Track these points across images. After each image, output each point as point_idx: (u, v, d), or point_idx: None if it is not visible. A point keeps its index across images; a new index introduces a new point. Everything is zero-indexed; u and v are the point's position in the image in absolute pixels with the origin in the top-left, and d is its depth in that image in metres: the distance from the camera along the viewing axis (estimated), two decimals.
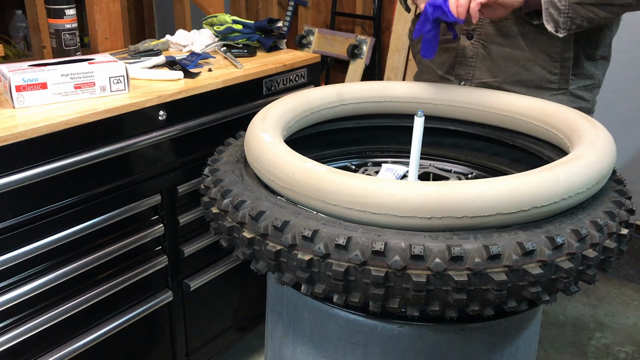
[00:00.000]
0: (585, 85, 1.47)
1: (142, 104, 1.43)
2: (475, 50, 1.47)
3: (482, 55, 1.47)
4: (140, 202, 1.49)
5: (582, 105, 1.47)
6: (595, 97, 1.53)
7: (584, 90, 1.48)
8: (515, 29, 1.41)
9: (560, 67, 1.42)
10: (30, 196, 1.26)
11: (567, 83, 1.44)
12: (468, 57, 1.48)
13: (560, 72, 1.42)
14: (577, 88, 1.46)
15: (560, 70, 1.42)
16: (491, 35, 1.44)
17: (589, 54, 1.45)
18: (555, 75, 1.43)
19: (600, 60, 1.48)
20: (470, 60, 1.48)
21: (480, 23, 1.44)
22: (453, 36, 1.40)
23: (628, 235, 0.99)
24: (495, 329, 1.06)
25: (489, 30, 1.44)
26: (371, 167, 1.45)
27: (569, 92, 1.45)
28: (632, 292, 2.51)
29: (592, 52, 1.45)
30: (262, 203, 0.99)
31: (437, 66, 1.57)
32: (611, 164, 1.06)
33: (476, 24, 1.45)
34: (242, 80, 1.68)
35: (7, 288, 1.28)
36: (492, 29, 1.43)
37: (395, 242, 0.87)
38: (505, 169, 1.41)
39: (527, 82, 1.44)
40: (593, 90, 1.51)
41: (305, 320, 1.12)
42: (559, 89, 1.44)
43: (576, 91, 1.46)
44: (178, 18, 2.46)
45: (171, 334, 1.71)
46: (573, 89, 1.45)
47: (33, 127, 1.23)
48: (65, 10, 1.64)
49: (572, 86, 1.45)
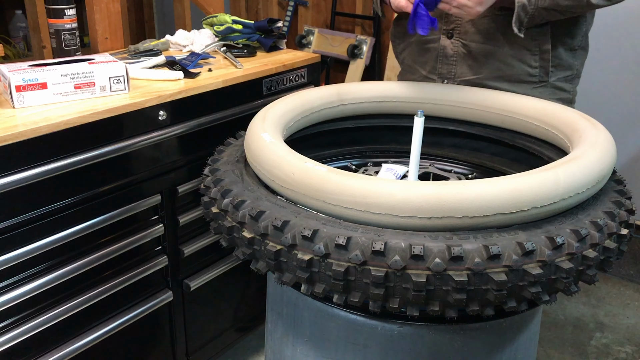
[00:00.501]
0: (565, 76, 1.50)
1: (142, 104, 1.43)
2: (456, 49, 1.49)
3: (462, 53, 1.49)
4: (140, 202, 1.49)
5: (562, 97, 1.50)
6: (575, 88, 1.55)
7: (564, 82, 1.50)
8: (493, 25, 1.43)
9: (540, 60, 1.45)
10: (30, 196, 1.26)
11: (547, 75, 1.46)
12: (449, 56, 1.51)
13: (540, 65, 1.45)
14: (557, 80, 1.48)
15: (540, 63, 1.45)
16: (470, 34, 1.46)
17: (567, 44, 1.47)
18: (536, 68, 1.45)
19: (578, 50, 1.50)
20: (451, 59, 1.50)
21: (460, 22, 1.47)
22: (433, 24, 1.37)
23: (628, 236, 0.99)
24: (495, 329, 1.06)
25: (468, 28, 1.46)
26: (371, 167, 1.45)
27: (549, 84, 1.48)
28: (632, 292, 2.51)
29: (570, 43, 1.47)
30: (262, 203, 0.99)
31: (420, 66, 1.59)
32: (611, 164, 1.06)
33: (455, 23, 1.47)
34: (242, 80, 1.68)
35: (7, 288, 1.28)
36: (470, 27, 1.46)
37: (395, 242, 0.87)
38: (505, 169, 1.40)
39: (508, 77, 1.47)
40: (573, 80, 1.53)
41: (305, 320, 1.12)
42: (539, 81, 1.47)
43: (557, 82, 1.49)
44: (178, 18, 2.46)
45: (171, 334, 1.71)
46: (553, 81, 1.48)
47: (33, 127, 1.23)
48: (65, 10, 1.64)
49: (553, 78, 1.48)
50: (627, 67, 2.48)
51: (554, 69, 1.47)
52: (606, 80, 2.55)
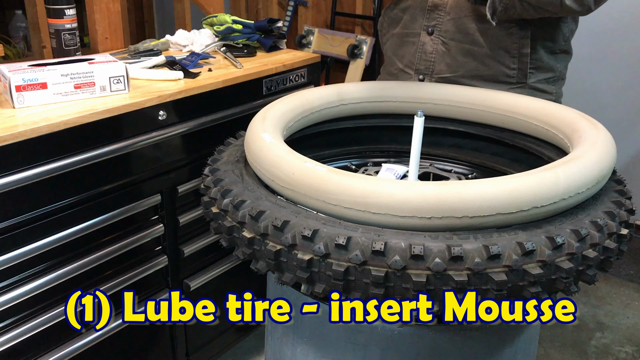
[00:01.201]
0: (546, 78, 1.51)
1: (142, 104, 1.43)
2: (435, 46, 1.50)
3: (441, 51, 1.50)
4: (140, 202, 1.50)
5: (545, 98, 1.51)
6: (559, 89, 1.57)
7: (544, 83, 1.51)
8: (474, 25, 1.44)
9: (518, 62, 1.46)
10: (30, 196, 1.26)
11: (525, 77, 1.48)
12: (428, 53, 1.52)
13: (518, 67, 1.46)
14: (537, 81, 1.50)
15: (518, 65, 1.46)
16: (451, 32, 1.47)
17: (548, 47, 1.48)
18: (514, 70, 1.47)
19: (560, 54, 1.52)
20: (430, 56, 1.52)
21: (441, 20, 1.48)
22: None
23: (628, 235, 0.99)
24: (495, 329, 1.06)
25: (449, 27, 1.47)
26: (371, 167, 1.45)
27: (527, 86, 1.49)
28: (632, 292, 2.51)
29: (551, 46, 1.49)
30: (262, 203, 0.99)
31: (398, 59, 1.60)
32: (611, 164, 1.06)
33: (437, 20, 1.49)
34: (242, 80, 1.68)
35: (7, 288, 1.28)
36: (451, 25, 1.47)
37: (395, 242, 0.87)
38: (505, 169, 1.40)
39: (484, 77, 1.48)
40: (556, 82, 1.54)
41: (305, 320, 1.12)
42: (517, 82, 1.49)
43: (536, 84, 1.50)
44: (178, 18, 2.46)
45: (171, 334, 1.71)
46: (532, 83, 1.49)
47: (33, 127, 1.23)
48: (65, 10, 1.64)
49: (532, 80, 1.49)
50: (627, 67, 2.48)
51: (534, 70, 1.48)
52: (606, 80, 2.55)
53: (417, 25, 1.53)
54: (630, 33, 2.42)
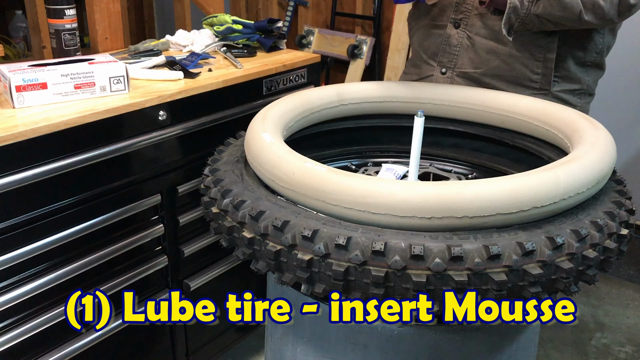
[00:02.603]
0: (571, 89, 1.47)
1: (142, 104, 1.43)
2: (460, 40, 1.49)
3: (465, 45, 1.48)
4: (140, 202, 1.49)
5: None
6: (585, 104, 1.52)
7: (569, 94, 1.47)
8: (499, 23, 1.40)
9: (543, 67, 1.43)
10: (30, 196, 1.26)
11: (549, 84, 1.44)
12: (452, 46, 1.50)
13: (542, 72, 1.43)
14: (561, 91, 1.46)
15: (543, 70, 1.43)
16: (477, 27, 1.45)
17: (577, 57, 1.44)
18: (537, 74, 1.43)
19: (591, 66, 1.47)
20: (454, 49, 1.50)
21: (469, 14, 1.46)
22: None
23: (628, 236, 0.99)
24: (495, 329, 1.06)
25: (476, 22, 1.45)
26: (371, 167, 1.45)
27: (551, 94, 1.45)
28: (632, 292, 2.51)
29: (581, 56, 1.44)
30: (262, 203, 0.99)
31: (423, 50, 1.58)
32: (611, 164, 1.06)
33: (464, 14, 1.46)
34: (242, 80, 1.68)
35: (7, 288, 1.28)
36: (478, 20, 1.45)
37: (395, 242, 0.87)
38: (505, 169, 1.40)
39: (507, 77, 1.46)
40: (582, 96, 1.50)
41: (305, 320, 1.12)
42: (540, 88, 1.45)
43: (560, 94, 1.46)
44: (178, 18, 2.46)
45: (171, 334, 1.71)
46: (556, 91, 1.45)
47: (33, 127, 1.23)
48: (65, 10, 1.64)
49: (556, 88, 1.45)
50: (627, 68, 2.48)
51: (559, 79, 1.44)
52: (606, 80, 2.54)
53: (445, 17, 1.50)
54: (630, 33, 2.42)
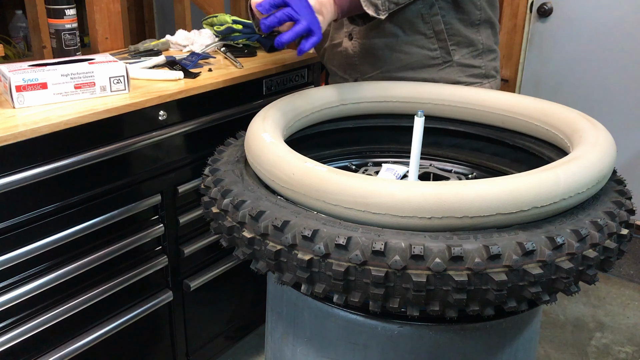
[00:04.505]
0: (469, 52, 1.49)
1: (142, 104, 1.43)
2: (355, 49, 1.51)
3: (361, 52, 1.50)
4: (140, 202, 1.50)
5: (474, 72, 1.50)
6: (490, 62, 1.53)
7: (470, 58, 1.49)
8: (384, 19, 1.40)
9: (438, 42, 1.44)
10: (30, 196, 1.26)
11: (449, 55, 1.46)
12: (351, 57, 1.53)
13: (439, 47, 1.45)
14: (461, 57, 1.48)
15: (439, 44, 1.45)
16: (363, 31, 1.47)
17: (463, 20, 1.46)
18: (435, 50, 1.45)
19: (480, 24, 1.48)
20: (353, 59, 1.53)
21: None
22: None
23: (628, 236, 0.99)
24: (495, 329, 1.06)
25: (362, 27, 1.47)
26: (371, 167, 1.45)
27: (455, 63, 1.48)
28: (632, 292, 2.51)
29: (466, 18, 1.46)
30: (262, 203, 0.99)
31: (337, 68, 1.61)
32: (611, 164, 1.06)
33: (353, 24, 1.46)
34: (242, 80, 1.68)
35: (7, 288, 1.28)
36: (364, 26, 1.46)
37: (395, 242, 0.87)
38: (505, 169, 1.40)
39: (410, 65, 1.47)
40: (483, 55, 1.51)
41: (305, 320, 1.12)
42: (443, 62, 1.47)
43: (462, 60, 1.48)
44: (178, 18, 2.46)
45: (171, 334, 1.71)
46: (458, 59, 1.48)
47: (33, 127, 1.23)
48: (65, 10, 1.64)
49: (456, 56, 1.47)
50: (627, 68, 2.48)
51: (455, 46, 1.46)
52: (606, 80, 2.55)
53: (341, 34, 1.54)
54: (630, 33, 2.42)
